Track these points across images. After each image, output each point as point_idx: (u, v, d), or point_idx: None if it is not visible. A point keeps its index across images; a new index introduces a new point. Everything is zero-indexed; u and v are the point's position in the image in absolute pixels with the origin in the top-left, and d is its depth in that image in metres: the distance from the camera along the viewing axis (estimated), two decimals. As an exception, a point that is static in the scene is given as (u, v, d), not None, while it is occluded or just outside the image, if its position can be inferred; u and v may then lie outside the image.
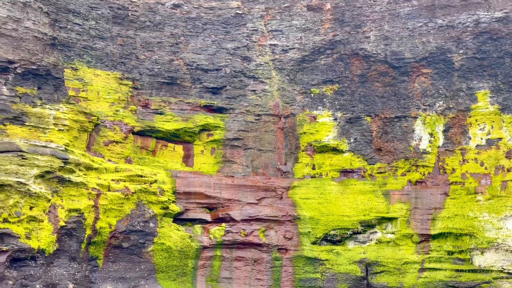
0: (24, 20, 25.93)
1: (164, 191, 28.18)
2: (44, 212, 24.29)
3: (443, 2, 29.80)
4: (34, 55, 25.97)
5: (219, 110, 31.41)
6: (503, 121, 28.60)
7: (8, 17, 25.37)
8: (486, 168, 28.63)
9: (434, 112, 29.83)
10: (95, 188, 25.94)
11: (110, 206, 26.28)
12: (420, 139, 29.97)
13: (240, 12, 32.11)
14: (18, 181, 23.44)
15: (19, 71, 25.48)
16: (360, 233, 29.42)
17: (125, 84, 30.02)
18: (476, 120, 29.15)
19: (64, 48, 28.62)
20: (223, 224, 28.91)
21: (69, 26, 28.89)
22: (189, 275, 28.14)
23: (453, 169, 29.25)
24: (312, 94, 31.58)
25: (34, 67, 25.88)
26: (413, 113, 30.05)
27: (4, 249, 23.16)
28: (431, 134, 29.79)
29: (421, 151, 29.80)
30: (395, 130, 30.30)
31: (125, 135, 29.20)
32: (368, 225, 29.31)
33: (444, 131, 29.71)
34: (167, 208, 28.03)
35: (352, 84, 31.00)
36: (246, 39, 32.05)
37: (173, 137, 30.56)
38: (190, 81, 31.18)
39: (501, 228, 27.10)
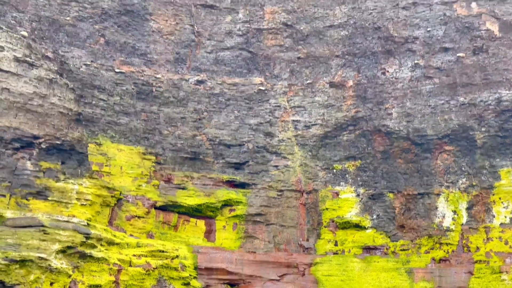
0: (50, 96, 26.35)
1: (186, 266, 27.97)
2: (64, 287, 24.17)
3: (465, 80, 29.95)
4: (59, 131, 26.29)
5: (242, 185, 31.39)
6: (527, 200, 28.44)
7: (35, 93, 25.80)
8: (510, 247, 28.19)
9: (457, 189, 29.62)
10: (116, 264, 25.79)
11: (131, 282, 26.07)
12: (444, 217, 29.67)
13: (263, 89, 32.42)
14: (39, 257, 23.37)
15: (44, 146, 25.74)
16: (383, 312, 28.99)
17: (148, 159, 30.19)
18: (500, 198, 28.88)
19: (89, 123, 28.94)
20: (245, 301, 28.66)
21: (94, 102, 29.30)
22: None
23: (477, 248, 28.82)
24: (334, 170, 31.54)
25: (59, 142, 26.15)
26: (436, 190, 29.85)
27: (23, 325, 23.02)
28: (454, 212, 29.50)
29: (445, 228, 29.46)
30: (418, 207, 30.06)
31: (147, 210, 29.20)
32: (391, 304, 28.87)
33: (468, 209, 29.42)
34: (188, 284, 27.76)
35: (374, 161, 30.95)
36: (269, 115, 32.25)
37: (195, 212, 30.48)
38: (213, 156, 31.30)
39: (527, 309, 26.61)
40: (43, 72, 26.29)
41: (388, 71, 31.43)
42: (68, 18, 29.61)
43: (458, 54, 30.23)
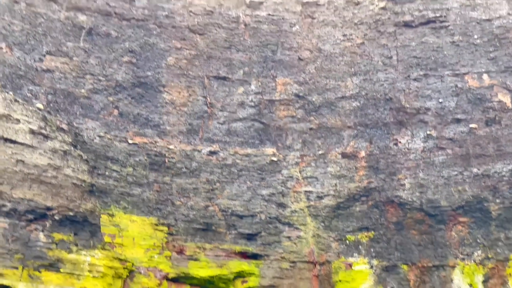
0: (64, 167, 26.52)
1: (198, 338, 27.67)
2: None
3: (478, 151, 29.97)
4: (72, 202, 26.36)
5: (254, 256, 31.14)
6: (544, 272, 28.07)
7: (49, 165, 25.98)
8: (528, 323, 27.78)
9: (472, 261, 29.28)
10: (128, 337, 25.55)
11: None
12: (460, 290, 29.34)
13: (275, 159, 32.48)
14: (50, 330, 23.21)
15: (57, 218, 25.77)
16: None
17: (161, 229, 30.08)
18: (516, 271, 28.61)
19: (102, 195, 28.99)
20: None
21: (107, 173, 29.41)
22: None
23: (494, 320, 28.42)
24: (347, 241, 31.29)
25: (72, 214, 26.19)
26: (451, 262, 29.51)
27: None
28: (470, 285, 29.08)
29: (461, 302, 29.09)
30: (433, 279, 29.67)
31: (159, 281, 28.96)
32: None
33: (484, 282, 29.01)
34: None
35: (388, 232, 30.73)
36: (281, 186, 32.22)
37: (208, 284, 30.19)
38: (225, 227, 31.17)
39: None
40: (57, 144, 26.52)
41: (400, 142, 31.49)
42: (83, 91, 30.02)
43: (470, 125, 30.37)
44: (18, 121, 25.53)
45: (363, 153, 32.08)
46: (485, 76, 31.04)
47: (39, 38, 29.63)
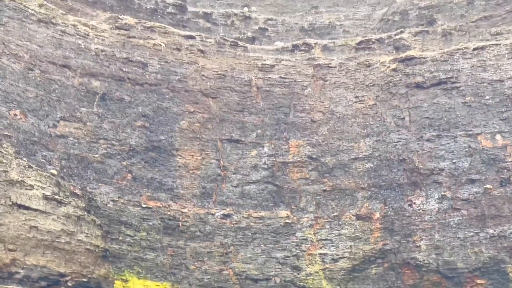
0: (77, 233, 26.48)
1: None
2: None
3: (493, 212, 29.73)
4: (86, 268, 26.24)
5: (270, 325, 30.89)
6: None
7: (62, 230, 25.95)
8: None
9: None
10: None
11: None
12: None
13: (289, 222, 32.29)
14: None
15: (70, 284, 25.64)
16: None
17: (175, 295, 29.91)
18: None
19: (115, 260, 28.84)
20: None
21: (120, 238, 29.31)
22: None
23: None
24: (363, 304, 30.95)
25: (85, 280, 26.06)
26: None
27: None
28: None
29: None
30: None
31: None
32: None
33: None
34: None
35: (404, 295, 30.37)
36: (296, 248, 31.96)
37: None
38: (240, 291, 30.93)
39: None
40: (71, 209, 26.54)
41: (415, 203, 31.29)
42: (96, 156, 30.16)
43: (485, 186, 30.18)
44: (31, 187, 25.60)
45: (377, 215, 31.86)
46: (498, 137, 30.98)
47: (53, 104, 29.93)
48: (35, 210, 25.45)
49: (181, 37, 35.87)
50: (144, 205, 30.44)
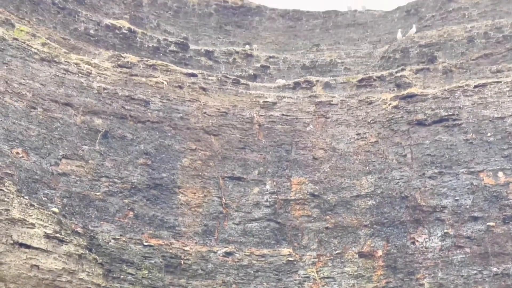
0: (78, 272, 26.35)
1: None
2: None
3: (496, 249, 29.57)
4: (87, 307, 26.11)
5: None
6: None
7: (64, 269, 25.83)
8: None
9: None
10: None
11: None
12: None
13: (292, 259, 32.12)
14: None
15: (71, 324, 25.50)
16: None
17: (177, 333, 29.71)
18: None
19: (116, 300, 28.72)
20: None
21: (122, 276, 29.15)
22: None
23: None
24: None
25: (86, 319, 25.91)
26: None
27: None
28: None
29: None
30: None
31: None
32: None
33: None
34: None
35: (410, 334, 30.14)
36: (298, 287, 31.75)
37: None
38: (243, 327, 30.72)
39: None
40: (72, 248, 26.45)
41: (417, 241, 31.15)
42: (98, 194, 30.15)
43: (488, 223, 30.06)
44: (33, 225, 25.55)
45: (380, 252, 31.71)
46: (500, 174, 30.94)
47: (55, 142, 30.02)
48: (37, 248, 25.37)
49: (183, 75, 36.10)
50: (145, 243, 30.34)
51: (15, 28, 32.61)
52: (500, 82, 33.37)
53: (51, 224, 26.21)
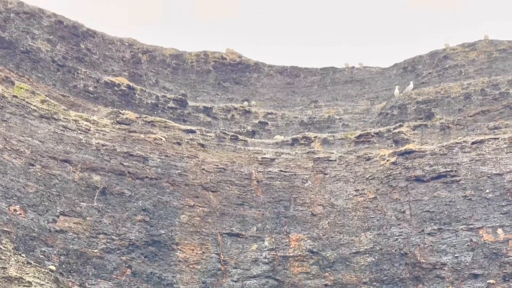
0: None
1: None
2: None
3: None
4: None
5: None
6: None
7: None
8: None
9: None
10: None
11: None
12: None
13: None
14: None
15: None
16: None
17: None
18: None
19: None
20: None
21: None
22: None
23: None
24: None
25: None
26: None
27: None
28: None
29: None
30: None
31: None
32: None
33: None
34: None
35: None
36: None
37: None
38: None
39: None
40: (69, 308, 26.20)
41: (418, 297, 30.97)
42: (95, 251, 29.94)
43: (488, 281, 29.79)
44: (30, 283, 25.26)
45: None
46: (499, 231, 30.79)
47: (53, 199, 29.94)
48: (33, 307, 25.09)
49: (182, 131, 36.24)
50: (143, 301, 30.07)
51: (15, 86, 32.84)
52: (498, 138, 33.47)
53: (48, 282, 25.94)
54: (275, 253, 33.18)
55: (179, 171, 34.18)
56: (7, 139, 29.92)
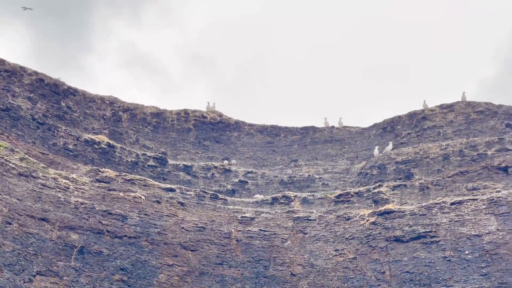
0: None
1: None
2: None
3: None
4: None
5: None
6: None
7: None
8: None
9: None
10: None
11: None
12: None
13: None
14: None
15: None
16: None
17: None
18: None
19: None
20: None
21: None
22: None
23: None
24: None
25: None
26: None
27: None
28: None
29: None
30: None
31: None
32: None
33: None
34: None
35: None
36: None
37: None
38: None
39: None
40: None
41: None
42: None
43: None
44: None
45: None
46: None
47: (29, 258, 29.51)
48: None
49: (161, 189, 36.11)
50: None
51: (-6, 144, 32.73)
52: (477, 199, 33.57)
53: None
54: None
55: (158, 229, 33.93)
56: (-15, 197, 29.66)
